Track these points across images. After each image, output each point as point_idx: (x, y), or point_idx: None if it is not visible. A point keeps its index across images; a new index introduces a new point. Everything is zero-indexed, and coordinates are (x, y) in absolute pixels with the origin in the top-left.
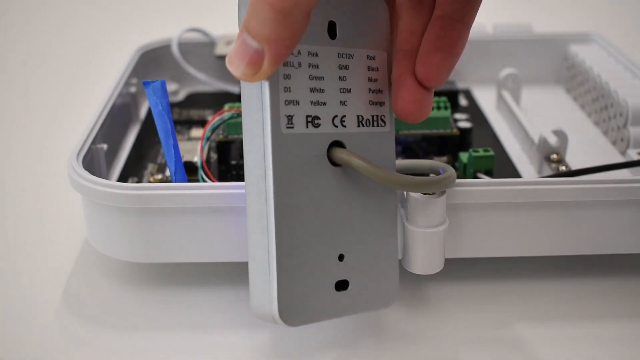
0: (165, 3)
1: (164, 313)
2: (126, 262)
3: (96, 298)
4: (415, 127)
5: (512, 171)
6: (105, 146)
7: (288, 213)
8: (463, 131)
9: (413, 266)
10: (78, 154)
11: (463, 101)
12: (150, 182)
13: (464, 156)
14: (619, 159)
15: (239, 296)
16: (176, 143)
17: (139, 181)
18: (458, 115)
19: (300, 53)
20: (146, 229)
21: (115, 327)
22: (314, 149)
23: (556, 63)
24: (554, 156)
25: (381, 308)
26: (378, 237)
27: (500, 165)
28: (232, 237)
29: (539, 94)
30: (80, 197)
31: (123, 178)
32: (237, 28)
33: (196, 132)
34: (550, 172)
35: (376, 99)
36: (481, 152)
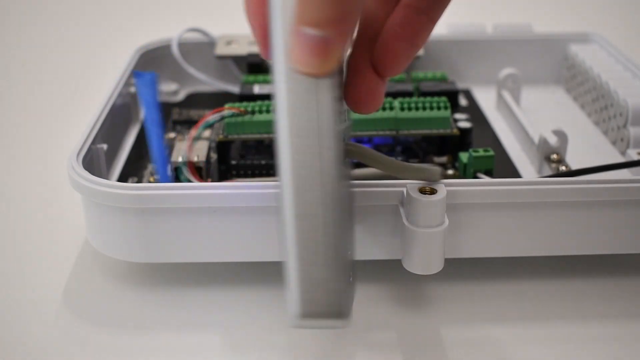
0: (165, 3)
1: (164, 313)
2: (126, 262)
3: (96, 298)
4: (415, 127)
5: (512, 171)
6: (105, 146)
7: (341, 212)
8: (463, 131)
9: (413, 266)
10: (78, 154)
11: (463, 101)
12: (150, 182)
13: (464, 156)
14: (619, 159)
15: (239, 296)
16: (162, 133)
17: (139, 181)
18: (458, 115)
19: None
20: (146, 229)
21: (115, 327)
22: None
23: (556, 63)
24: (554, 156)
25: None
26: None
27: (500, 165)
28: (232, 237)
29: (539, 94)
30: (80, 197)
31: (123, 178)
32: (248, 29)
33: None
34: (550, 172)
35: (339, 94)
36: (481, 152)
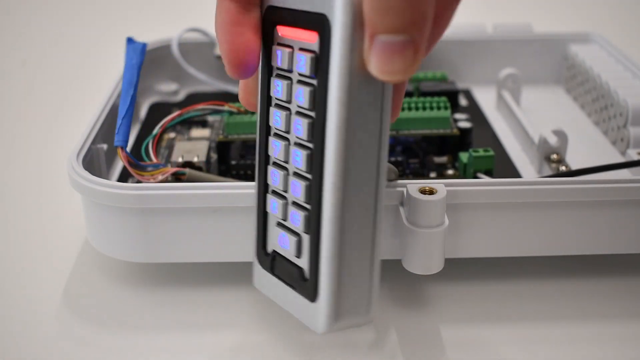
0: (165, 3)
1: (164, 313)
2: (126, 262)
3: (96, 298)
4: (415, 127)
5: (512, 171)
6: (105, 146)
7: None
8: (463, 131)
9: (413, 266)
10: (78, 154)
11: (463, 101)
12: (150, 182)
13: (464, 156)
14: (619, 159)
15: (239, 296)
16: (135, 96)
17: (139, 181)
18: (458, 115)
19: None
20: (146, 229)
21: (115, 327)
22: None
23: (556, 63)
24: (554, 156)
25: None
26: None
27: (500, 165)
28: (232, 237)
29: (539, 94)
30: (80, 197)
31: (123, 178)
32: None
33: (196, 132)
34: (550, 172)
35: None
36: (481, 152)
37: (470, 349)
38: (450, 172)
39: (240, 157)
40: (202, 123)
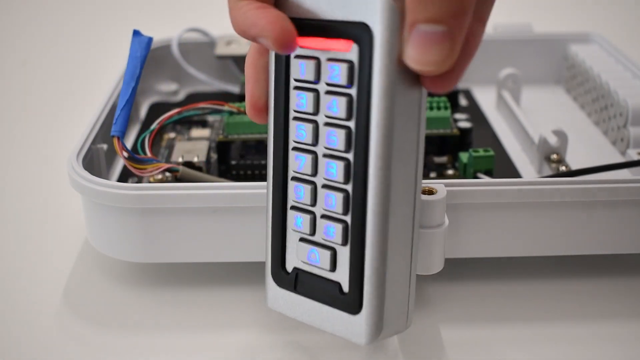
0: (165, 3)
1: (164, 313)
2: (126, 262)
3: (96, 298)
4: None
5: (512, 171)
6: (105, 146)
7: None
8: (463, 131)
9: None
10: (78, 154)
11: (463, 101)
12: (150, 182)
13: (464, 156)
14: (619, 159)
15: (239, 296)
16: (135, 89)
17: (139, 181)
18: (458, 115)
19: None
20: (146, 229)
21: (115, 327)
22: None
23: (556, 63)
24: (554, 156)
25: None
26: None
27: (500, 165)
28: (232, 237)
29: (539, 94)
30: (80, 197)
31: (123, 178)
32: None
33: (196, 132)
34: (550, 172)
35: None
36: (481, 152)
37: (470, 349)
38: (450, 172)
39: (240, 157)
40: (202, 123)
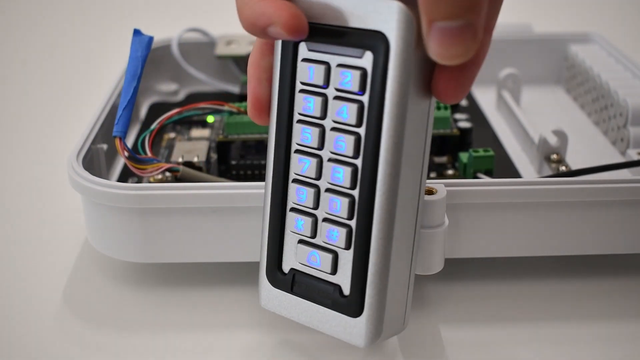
0: (165, 3)
1: (164, 313)
2: (126, 262)
3: (96, 298)
4: None
5: (512, 171)
6: (105, 146)
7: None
8: (463, 131)
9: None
10: (78, 154)
11: (463, 101)
12: (150, 182)
13: (464, 156)
14: (619, 159)
15: (239, 296)
16: (137, 88)
17: (139, 181)
18: (458, 115)
19: None
20: (146, 229)
21: (115, 327)
22: None
23: (556, 63)
24: (554, 156)
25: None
26: None
27: (500, 165)
28: (232, 237)
29: (539, 94)
30: (80, 197)
31: (123, 178)
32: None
33: (196, 132)
34: (550, 172)
35: None
36: (481, 152)
37: (470, 349)
38: (450, 172)
39: (240, 157)
40: (202, 123)
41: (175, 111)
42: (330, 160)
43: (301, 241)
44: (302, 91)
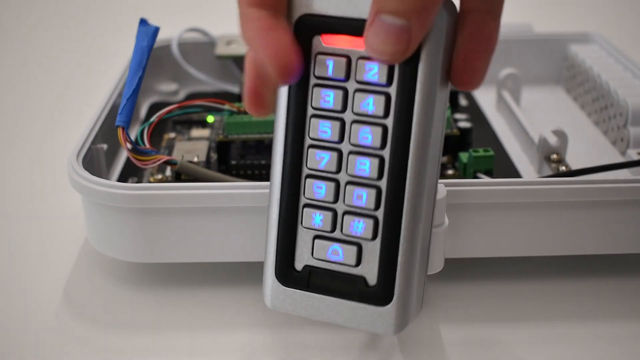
0: (165, 3)
1: (164, 313)
2: (126, 262)
3: (96, 298)
4: None
5: (512, 171)
6: (105, 146)
7: None
8: (463, 131)
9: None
10: (78, 154)
11: (463, 101)
12: (150, 182)
13: (464, 156)
14: (619, 159)
15: (239, 296)
16: (142, 78)
17: (139, 181)
18: (458, 115)
19: None
20: (146, 229)
21: (115, 327)
22: None
23: (556, 63)
24: (554, 156)
25: None
26: None
27: (500, 165)
28: (232, 237)
29: (539, 94)
30: (80, 197)
31: (123, 178)
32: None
33: (196, 132)
34: (550, 172)
35: None
36: (481, 152)
37: (470, 349)
38: (450, 172)
39: (240, 157)
40: (202, 123)
41: (175, 106)
42: (352, 152)
43: (319, 237)
44: (319, 85)
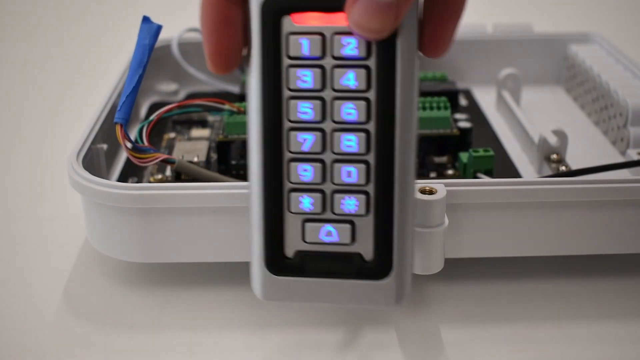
0: (165, 3)
1: (164, 313)
2: (126, 262)
3: (96, 298)
4: None
5: (512, 171)
6: (105, 146)
7: None
8: (463, 131)
9: (413, 266)
10: (78, 154)
11: (463, 101)
12: (150, 182)
13: (464, 156)
14: (619, 159)
15: (239, 296)
16: (142, 76)
17: (139, 181)
18: (458, 115)
19: None
20: (146, 229)
21: (115, 327)
22: None
23: (556, 63)
24: (554, 156)
25: None
26: None
27: (500, 165)
28: (232, 237)
29: (539, 94)
30: (80, 197)
31: (123, 178)
32: None
33: (196, 132)
34: (550, 172)
35: None
36: (481, 152)
37: (470, 349)
38: (450, 172)
39: (240, 157)
40: (202, 123)
41: (174, 105)
42: (337, 130)
43: (309, 220)
44: (294, 66)
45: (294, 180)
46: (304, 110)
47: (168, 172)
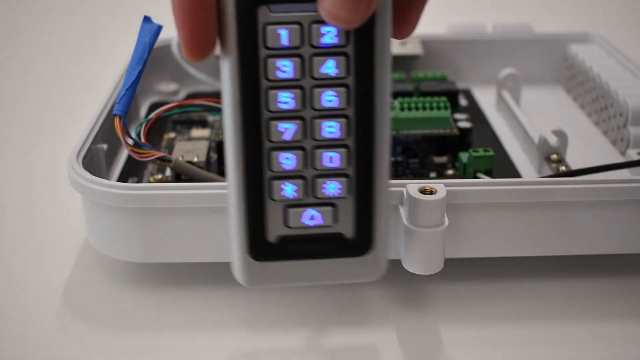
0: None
1: (164, 313)
2: (126, 262)
3: (96, 298)
4: (415, 127)
5: (512, 171)
6: (105, 146)
7: None
8: (463, 131)
9: (413, 266)
10: (78, 154)
11: (463, 101)
12: (150, 182)
13: (464, 156)
14: (619, 159)
15: (239, 296)
16: (142, 72)
17: (139, 181)
18: (458, 115)
19: None
20: (146, 229)
21: (115, 327)
22: None
23: (556, 63)
24: (554, 156)
25: None
26: None
27: (500, 165)
28: None
29: (539, 94)
30: (80, 197)
31: (123, 178)
32: None
33: (196, 132)
34: (550, 172)
35: None
36: (481, 152)
37: (470, 349)
38: (450, 172)
39: None
40: (202, 123)
41: (174, 104)
42: (317, 117)
43: (292, 205)
44: (272, 56)
45: (276, 169)
46: (285, 100)
47: (168, 172)
